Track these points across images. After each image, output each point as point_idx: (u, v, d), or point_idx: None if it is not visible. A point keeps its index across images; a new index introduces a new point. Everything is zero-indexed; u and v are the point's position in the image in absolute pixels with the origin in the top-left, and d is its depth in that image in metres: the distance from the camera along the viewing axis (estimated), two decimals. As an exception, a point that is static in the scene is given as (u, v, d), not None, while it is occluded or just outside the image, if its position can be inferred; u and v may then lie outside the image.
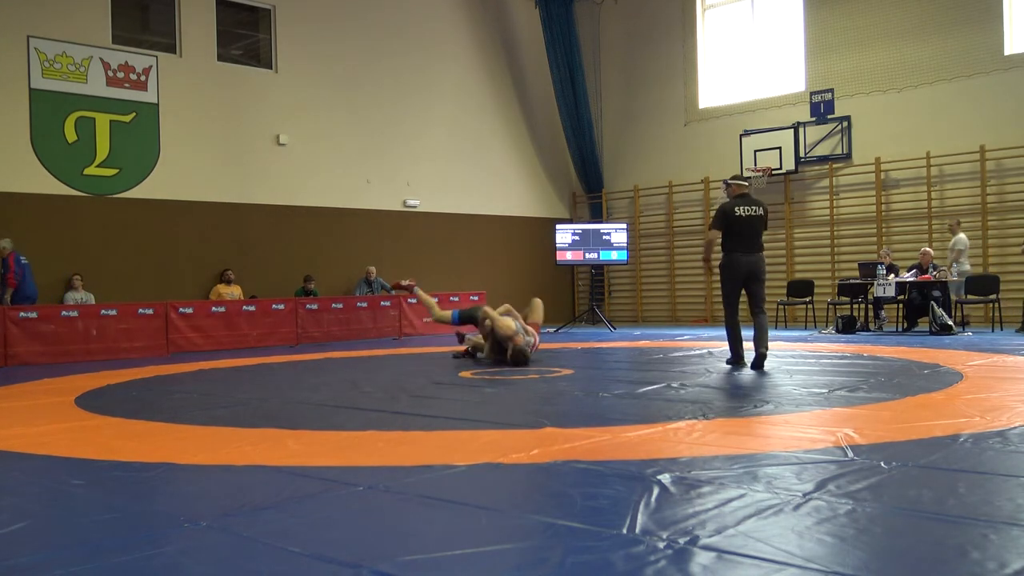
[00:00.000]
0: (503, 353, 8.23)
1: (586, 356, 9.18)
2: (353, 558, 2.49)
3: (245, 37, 14.15)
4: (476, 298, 14.96)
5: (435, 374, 7.82)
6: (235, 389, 7.21)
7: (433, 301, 9.75)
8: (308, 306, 12.88)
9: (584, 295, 17.85)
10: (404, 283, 9.91)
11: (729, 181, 7.83)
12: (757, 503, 2.93)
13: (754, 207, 7.52)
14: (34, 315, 10.45)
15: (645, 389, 6.20)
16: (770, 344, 7.58)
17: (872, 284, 12.25)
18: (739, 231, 7.46)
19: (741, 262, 7.44)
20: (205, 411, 5.76)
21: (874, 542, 2.54)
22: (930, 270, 11.92)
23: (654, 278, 17.12)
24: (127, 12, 12.78)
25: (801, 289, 13.94)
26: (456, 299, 14.71)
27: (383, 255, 14.99)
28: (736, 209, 7.47)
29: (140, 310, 11.27)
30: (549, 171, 17.84)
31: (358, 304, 13.47)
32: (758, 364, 7.27)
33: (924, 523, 2.71)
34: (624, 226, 15.85)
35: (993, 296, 12.09)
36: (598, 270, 17.35)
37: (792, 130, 14.72)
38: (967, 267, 12.32)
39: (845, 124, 14.47)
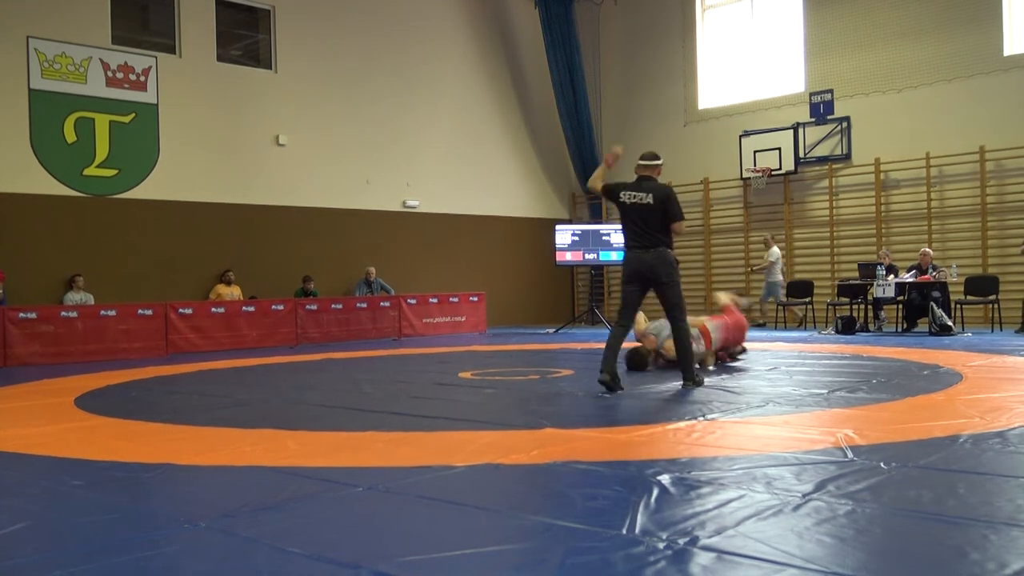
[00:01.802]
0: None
1: (586, 356, 9.18)
2: (353, 558, 2.49)
3: (245, 37, 14.15)
4: (476, 299, 14.97)
5: (435, 375, 7.82)
6: (235, 390, 7.20)
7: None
8: (308, 307, 12.88)
9: (584, 295, 17.84)
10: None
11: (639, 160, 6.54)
12: (757, 504, 2.94)
13: (643, 194, 6.20)
14: (33, 316, 10.44)
15: (645, 389, 6.20)
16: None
17: (872, 285, 12.25)
18: (625, 220, 6.32)
19: (630, 260, 6.27)
20: (205, 412, 5.76)
21: (873, 543, 2.54)
22: (929, 271, 11.93)
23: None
24: (127, 12, 12.77)
25: (801, 290, 13.94)
26: (456, 299, 14.72)
27: (383, 255, 14.98)
28: (622, 193, 6.29)
29: (139, 311, 11.26)
30: (549, 171, 17.84)
31: (357, 305, 13.47)
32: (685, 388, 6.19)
33: (924, 524, 2.71)
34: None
35: (993, 297, 12.09)
36: (597, 271, 17.35)
37: (792, 131, 14.72)
38: (779, 277, 13.87)
39: (845, 125, 14.47)
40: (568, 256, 15.35)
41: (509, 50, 17.29)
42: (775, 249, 13.99)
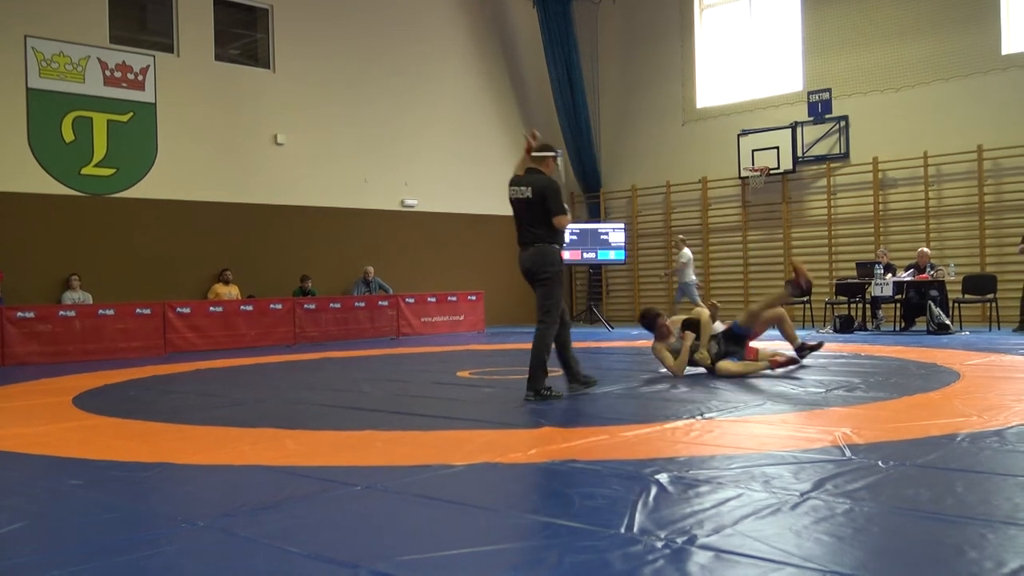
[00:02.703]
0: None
1: (584, 356, 9.16)
2: (351, 558, 2.49)
3: (243, 37, 14.14)
4: (474, 298, 14.97)
5: (433, 374, 7.83)
6: (233, 389, 7.20)
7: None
8: (306, 306, 12.87)
9: (582, 295, 17.84)
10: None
11: None
12: (755, 503, 2.94)
13: (523, 187, 5.80)
14: (31, 315, 10.44)
15: (643, 389, 6.21)
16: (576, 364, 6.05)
17: (869, 284, 12.26)
18: (515, 217, 5.95)
19: (518, 257, 5.98)
20: (203, 411, 5.76)
21: (871, 541, 2.54)
22: (927, 269, 11.94)
23: (652, 278, 17.12)
24: (125, 12, 12.76)
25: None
26: (454, 299, 14.72)
27: (381, 255, 14.98)
28: (510, 188, 5.91)
29: (138, 310, 11.26)
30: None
31: (356, 304, 13.47)
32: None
33: (921, 522, 2.72)
34: (622, 226, 15.86)
35: (991, 295, 12.11)
36: (596, 269, 17.35)
37: (790, 130, 14.73)
38: (693, 278, 13.88)
39: (843, 124, 14.48)
40: (566, 255, 15.31)
41: (508, 50, 17.29)
42: (686, 251, 13.96)
